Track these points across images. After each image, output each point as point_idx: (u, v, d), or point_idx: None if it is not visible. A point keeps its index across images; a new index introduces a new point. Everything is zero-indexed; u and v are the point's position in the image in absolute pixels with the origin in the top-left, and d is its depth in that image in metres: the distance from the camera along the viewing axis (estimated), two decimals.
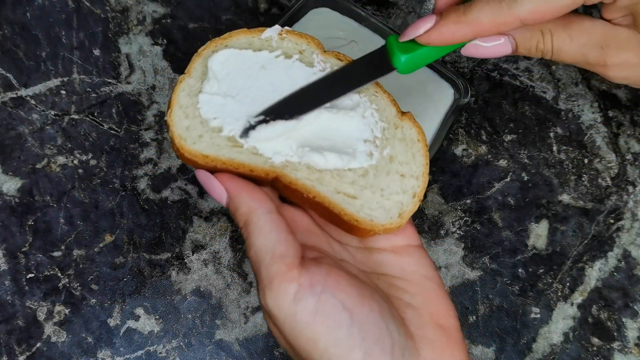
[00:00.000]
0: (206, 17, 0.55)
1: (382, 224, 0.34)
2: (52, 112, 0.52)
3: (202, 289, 0.49)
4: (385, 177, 0.35)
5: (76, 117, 0.52)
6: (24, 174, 0.50)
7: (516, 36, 0.35)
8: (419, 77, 0.49)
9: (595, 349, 0.48)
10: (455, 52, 0.54)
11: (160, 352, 0.47)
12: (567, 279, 0.50)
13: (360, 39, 0.49)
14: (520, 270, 0.50)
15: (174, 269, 0.49)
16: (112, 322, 0.48)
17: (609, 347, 0.48)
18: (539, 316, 0.49)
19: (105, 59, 0.53)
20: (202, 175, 0.34)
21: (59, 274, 0.48)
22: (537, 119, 0.53)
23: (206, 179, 0.33)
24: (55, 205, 0.50)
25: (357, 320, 0.30)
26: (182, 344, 0.48)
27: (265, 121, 0.34)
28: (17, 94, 0.52)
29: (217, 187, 0.33)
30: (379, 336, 0.30)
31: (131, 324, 0.48)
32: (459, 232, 0.51)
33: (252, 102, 0.35)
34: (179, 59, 0.54)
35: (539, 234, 0.51)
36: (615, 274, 0.50)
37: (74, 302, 0.48)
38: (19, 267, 0.48)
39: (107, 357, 0.47)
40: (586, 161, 0.52)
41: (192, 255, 0.49)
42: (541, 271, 0.50)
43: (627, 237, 0.51)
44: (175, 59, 0.54)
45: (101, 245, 0.49)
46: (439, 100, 0.48)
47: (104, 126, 0.52)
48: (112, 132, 0.52)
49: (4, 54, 0.53)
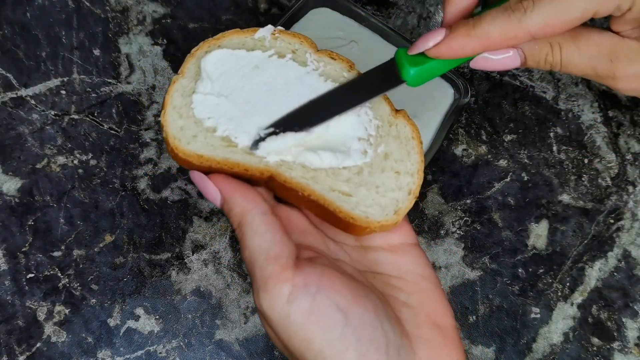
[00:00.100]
0: (206, 17, 0.55)
1: (378, 220, 0.34)
2: (52, 112, 0.52)
3: (202, 289, 0.49)
4: (380, 175, 0.35)
5: (76, 117, 0.52)
6: (24, 174, 0.50)
7: (525, 49, 0.35)
8: None
9: (595, 349, 0.48)
10: None
11: (160, 352, 0.47)
12: (567, 279, 0.50)
13: (360, 39, 0.49)
14: (520, 270, 0.50)
15: (174, 269, 0.49)
16: (112, 322, 0.48)
17: (609, 347, 0.48)
18: (539, 316, 0.49)
19: (105, 59, 0.53)
20: (197, 176, 0.34)
21: (59, 274, 0.49)
22: (537, 119, 0.53)
23: (200, 180, 0.33)
24: (55, 205, 0.50)
25: (352, 320, 0.30)
26: (182, 344, 0.48)
27: (275, 133, 0.34)
28: (17, 94, 0.52)
29: (211, 188, 0.33)
30: (373, 336, 0.30)
31: (131, 324, 0.48)
32: (459, 232, 0.51)
33: (246, 102, 0.35)
34: (179, 59, 0.54)
35: (539, 234, 0.51)
36: (615, 274, 0.50)
37: (74, 302, 0.48)
38: (19, 267, 0.48)
39: (107, 357, 0.47)
40: (586, 161, 0.52)
41: (192, 255, 0.49)
42: (541, 271, 0.50)
43: (627, 237, 0.51)
44: (175, 59, 0.54)
45: (101, 245, 0.49)
46: (439, 100, 0.48)
47: (104, 126, 0.52)
48: (112, 132, 0.52)
49: (4, 54, 0.53)
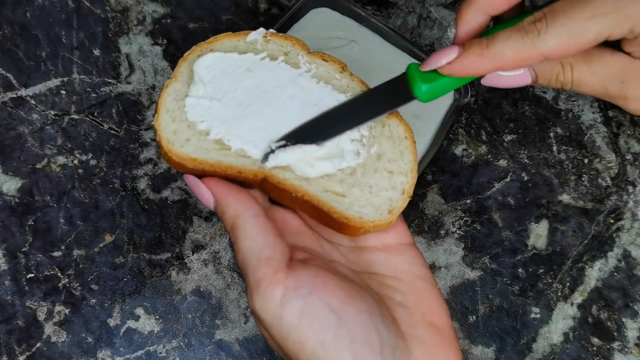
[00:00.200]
0: (206, 17, 0.55)
1: (372, 220, 0.34)
2: (52, 112, 0.52)
3: (202, 289, 0.49)
4: (373, 175, 0.35)
5: (76, 117, 0.52)
6: (24, 174, 0.50)
7: (536, 67, 0.35)
8: None
9: (595, 349, 0.48)
10: None
11: (160, 352, 0.47)
12: (567, 279, 0.50)
13: (360, 39, 0.49)
14: (520, 270, 0.50)
15: (174, 269, 0.49)
16: (112, 322, 0.48)
17: (609, 347, 0.48)
18: (539, 316, 0.49)
19: (105, 59, 0.53)
20: (190, 180, 0.34)
21: (59, 274, 0.49)
22: (537, 119, 0.53)
23: (194, 183, 0.34)
24: (55, 205, 0.50)
25: (345, 321, 0.30)
26: (182, 344, 0.48)
27: (284, 146, 0.34)
28: (17, 94, 0.52)
29: (205, 192, 0.33)
30: (367, 337, 0.30)
31: (131, 324, 0.48)
32: (459, 232, 0.51)
33: (238, 104, 0.35)
34: (179, 59, 0.54)
35: (539, 234, 0.51)
36: (615, 274, 0.50)
37: (74, 302, 0.48)
38: (19, 267, 0.48)
39: (107, 357, 0.47)
40: (586, 161, 0.52)
41: (192, 255, 0.49)
42: (541, 271, 0.50)
43: (627, 237, 0.51)
44: (175, 59, 0.54)
45: (101, 245, 0.49)
46: (439, 100, 0.48)
47: (104, 126, 0.52)
48: (112, 132, 0.52)
49: (4, 54, 0.53)
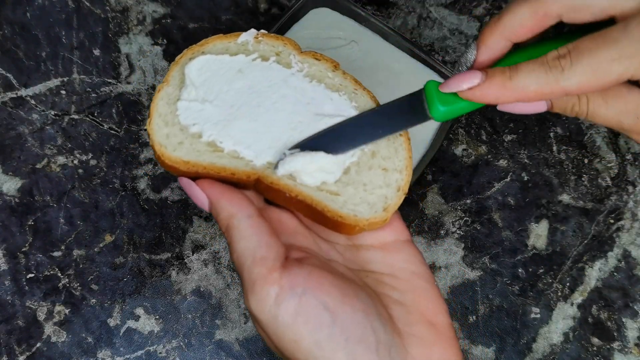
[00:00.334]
0: (206, 17, 0.55)
1: (367, 218, 0.34)
2: (52, 112, 0.52)
3: (202, 289, 0.49)
4: (367, 172, 0.35)
5: (76, 117, 0.52)
6: (24, 174, 0.50)
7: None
8: (418, 77, 0.49)
9: (595, 349, 0.48)
10: (455, 52, 0.54)
11: (160, 352, 0.47)
12: (567, 279, 0.50)
13: (360, 39, 0.49)
14: (520, 270, 0.50)
15: (174, 269, 0.49)
16: (112, 322, 0.48)
17: (609, 347, 0.48)
18: (539, 316, 0.49)
19: (105, 59, 0.53)
20: (184, 182, 0.34)
21: (59, 274, 0.49)
22: (537, 119, 0.53)
23: (188, 186, 0.34)
24: (55, 205, 0.50)
25: (340, 320, 0.30)
26: (182, 344, 0.48)
27: (296, 152, 0.35)
28: (17, 94, 0.52)
29: (199, 194, 0.33)
30: (362, 336, 0.30)
31: (131, 324, 0.48)
32: (459, 232, 0.51)
33: (230, 106, 0.35)
34: None
35: (539, 234, 0.51)
36: (615, 274, 0.50)
37: (74, 302, 0.48)
38: (19, 267, 0.48)
39: (107, 357, 0.47)
40: (586, 161, 0.52)
41: (192, 255, 0.49)
42: (541, 271, 0.50)
43: (627, 237, 0.51)
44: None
45: (101, 245, 0.49)
46: None
47: (104, 126, 0.52)
48: (112, 132, 0.52)
49: (4, 54, 0.53)
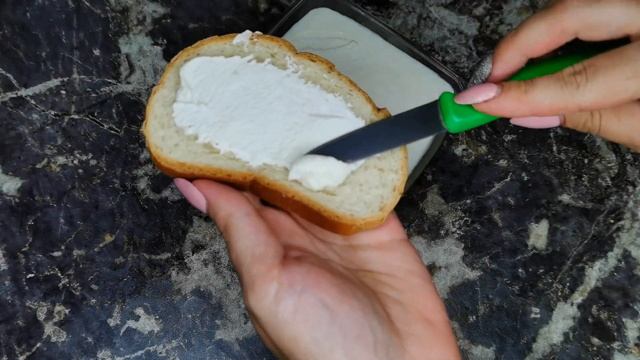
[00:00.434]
0: (206, 17, 0.55)
1: (363, 218, 0.34)
2: (52, 112, 0.52)
3: (202, 289, 0.49)
4: (363, 172, 0.35)
5: (76, 117, 0.52)
6: (24, 174, 0.50)
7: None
8: (418, 77, 0.49)
9: (595, 349, 0.48)
10: (455, 52, 0.54)
11: (160, 352, 0.47)
12: (567, 279, 0.50)
13: (360, 39, 0.49)
14: (520, 270, 0.50)
15: (174, 269, 0.49)
16: (112, 322, 0.48)
17: (609, 347, 0.48)
18: (539, 316, 0.49)
19: (105, 59, 0.53)
20: (181, 183, 0.34)
21: (59, 274, 0.49)
22: None
23: (185, 187, 0.34)
24: (55, 205, 0.50)
25: (338, 318, 0.30)
26: (182, 344, 0.48)
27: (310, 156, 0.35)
28: (17, 94, 0.52)
29: (196, 194, 0.33)
30: (361, 334, 0.30)
31: (131, 324, 0.48)
32: (459, 232, 0.51)
33: (225, 107, 0.35)
34: None
35: (539, 234, 0.51)
36: (615, 274, 0.50)
37: (74, 302, 0.48)
38: (19, 267, 0.48)
39: (107, 357, 0.47)
40: (586, 161, 0.52)
41: (192, 255, 0.49)
42: (541, 271, 0.50)
43: (627, 237, 0.51)
44: None
45: (101, 245, 0.49)
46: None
47: (104, 126, 0.52)
48: (112, 132, 0.52)
49: (4, 54, 0.53)
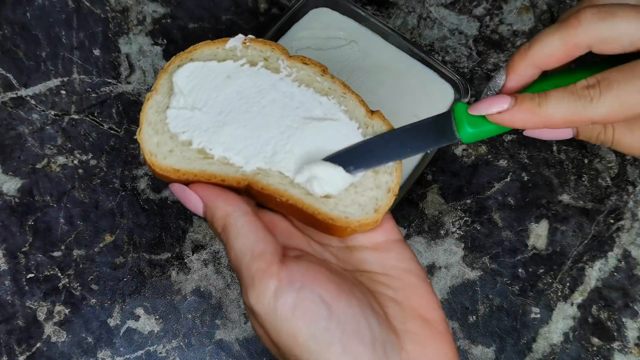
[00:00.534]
0: (206, 17, 0.55)
1: (358, 219, 0.34)
2: (52, 112, 0.52)
3: (202, 289, 0.49)
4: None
5: (76, 117, 0.52)
6: (24, 174, 0.50)
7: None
8: (418, 77, 0.49)
9: (595, 349, 0.48)
10: (455, 52, 0.54)
11: (160, 352, 0.47)
12: (567, 279, 0.50)
13: (360, 39, 0.49)
14: (520, 270, 0.50)
15: (174, 269, 0.49)
16: (112, 322, 0.48)
17: (609, 347, 0.48)
18: (539, 316, 0.49)
19: (105, 59, 0.53)
20: (177, 188, 0.34)
21: (59, 274, 0.49)
22: None
23: (181, 191, 0.34)
24: (55, 205, 0.50)
25: (336, 314, 0.30)
26: (182, 344, 0.48)
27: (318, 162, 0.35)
28: (17, 94, 0.52)
29: (192, 198, 0.34)
30: (357, 330, 0.30)
31: (131, 324, 0.48)
32: (459, 232, 0.51)
33: (219, 112, 0.35)
34: None
35: (539, 234, 0.51)
36: (615, 274, 0.50)
37: (74, 302, 0.48)
38: (19, 267, 0.48)
39: (107, 357, 0.47)
40: (586, 161, 0.52)
41: (192, 255, 0.49)
42: (541, 271, 0.50)
43: (627, 237, 0.51)
44: None
45: (101, 245, 0.49)
46: (439, 100, 0.48)
47: (104, 126, 0.52)
48: (112, 132, 0.52)
49: (4, 54, 0.53)
